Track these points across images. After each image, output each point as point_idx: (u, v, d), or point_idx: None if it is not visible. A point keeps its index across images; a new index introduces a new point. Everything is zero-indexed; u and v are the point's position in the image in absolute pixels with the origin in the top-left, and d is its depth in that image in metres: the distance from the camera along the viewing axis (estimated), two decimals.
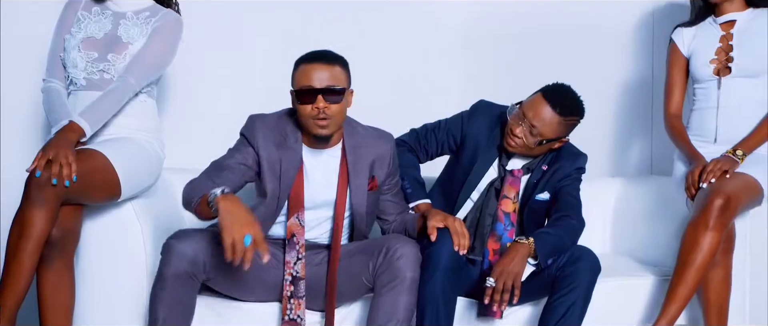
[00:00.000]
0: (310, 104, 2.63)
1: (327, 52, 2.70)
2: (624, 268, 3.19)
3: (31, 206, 2.59)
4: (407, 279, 2.61)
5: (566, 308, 2.74)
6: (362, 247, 2.75)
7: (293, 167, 2.73)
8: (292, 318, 2.73)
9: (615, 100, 3.90)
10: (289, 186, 2.74)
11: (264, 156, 2.72)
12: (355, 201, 2.79)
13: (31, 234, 2.59)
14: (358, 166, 2.78)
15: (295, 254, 2.75)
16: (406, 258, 2.62)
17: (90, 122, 2.77)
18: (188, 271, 2.58)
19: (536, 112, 2.84)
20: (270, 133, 2.74)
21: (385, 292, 2.62)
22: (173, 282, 2.57)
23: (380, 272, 2.64)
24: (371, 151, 2.80)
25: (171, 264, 2.56)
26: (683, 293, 2.83)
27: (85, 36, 2.91)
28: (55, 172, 2.59)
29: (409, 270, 2.62)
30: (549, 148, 2.94)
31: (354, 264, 2.72)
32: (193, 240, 2.60)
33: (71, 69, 2.91)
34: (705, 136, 3.11)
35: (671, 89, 3.23)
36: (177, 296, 2.58)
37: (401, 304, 2.62)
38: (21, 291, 2.60)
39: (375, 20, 3.85)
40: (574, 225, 2.90)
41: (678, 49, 3.21)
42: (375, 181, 2.81)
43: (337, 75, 2.66)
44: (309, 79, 2.63)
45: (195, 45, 3.42)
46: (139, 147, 2.91)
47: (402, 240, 2.68)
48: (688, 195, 2.96)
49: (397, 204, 2.93)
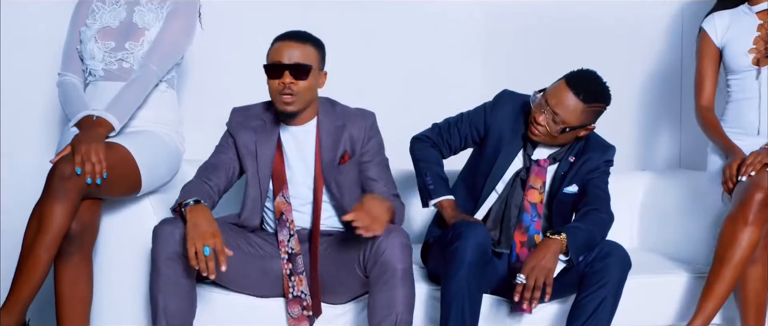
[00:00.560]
0: (278, 79, 2.69)
1: (301, 31, 2.77)
2: (655, 265, 3.15)
3: (52, 199, 2.57)
4: (398, 272, 2.57)
5: (596, 305, 2.68)
6: (351, 239, 2.71)
7: (270, 145, 2.79)
8: (297, 295, 2.73)
9: (642, 92, 3.87)
10: (269, 165, 2.79)
11: (240, 141, 2.80)
12: (327, 175, 2.79)
13: (50, 227, 2.57)
14: (329, 141, 2.80)
15: (287, 232, 2.77)
16: (392, 249, 2.58)
17: (117, 116, 2.78)
18: (178, 251, 2.57)
19: (559, 99, 2.78)
20: (249, 120, 2.82)
21: (379, 289, 2.59)
22: (165, 264, 2.57)
23: (370, 266, 2.61)
24: (346, 126, 2.82)
25: (159, 247, 2.57)
26: (720, 291, 2.77)
27: (101, 26, 2.93)
28: (88, 171, 2.59)
29: (399, 261, 2.58)
30: (575, 136, 2.87)
31: (346, 256, 2.71)
32: (181, 222, 2.60)
33: (89, 60, 2.92)
34: (744, 127, 3.06)
35: (702, 81, 3.16)
36: (172, 278, 2.58)
37: (398, 298, 2.58)
38: (35, 286, 2.59)
39: (393, 12, 3.84)
40: (604, 219, 2.85)
41: (710, 39, 3.14)
42: (347, 155, 2.81)
43: (307, 53, 2.71)
44: (279, 55, 2.70)
45: (214, 36, 3.42)
46: (160, 141, 2.91)
47: (386, 230, 2.61)
48: (725, 190, 2.91)
49: (382, 183, 2.86)
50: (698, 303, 2.82)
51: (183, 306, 2.61)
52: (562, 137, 2.85)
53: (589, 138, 2.94)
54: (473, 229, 2.69)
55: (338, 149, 2.81)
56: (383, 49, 3.82)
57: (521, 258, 2.85)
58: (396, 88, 3.83)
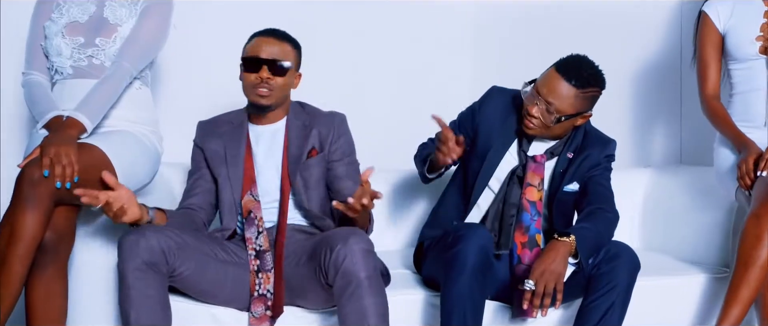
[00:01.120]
0: (255, 73, 2.74)
1: (280, 30, 2.84)
2: (660, 266, 3.09)
3: (23, 207, 2.49)
4: (363, 281, 2.47)
5: (604, 310, 2.62)
6: (312, 245, 2.65)
7: (240, 146, 2.83)
8: (262, 294, 2.68)
9: (639, 85, 3.82)
10: (240, 167, 2.82)
11: (209, 149, 2.85)
12: (292, 170, 2.80)
13: (23, 237, 2.48)
14: (297, 138, 2.83)
15: (255, 229, 2.75)
16: (352, 257, 2.47)
17: (89, 115, 2.70)
18: (147, 261, 2.51)
19: (551, 87, 2.73)
20: (215, 128, 2.88)
21: (346, 301, 2.49)
22: (134, 276, 2.50)
23: (331, 276, 2.50)
24: (314, 124, 2.86)
25: (126, 258, 2.50)
26: (746, 294, 2.69)
27: (68, 21, 2.85)
28: (58, 174, 2.51)
29: (361, 269, 2.47)
30: (571, 125, 2.82)
31: (309, 264, 2.63)
32: (147, 231, 2.54)
33: (55, 57, 2.84)
34: (752, 120, 2.98)
35: (705, 69, 3.09)
36: (142, 290, 2.50)
37: (369, 309, 2.48)
38: (11, 301, 2.50)
39: (381, 10, 3.83)
40: (610, 218, 2.80)
41: (712, 24, 3.07)
42: (314, 151, 2.83)
43: (286, 51, 2.79)
44: (257, 49, 2.76)
45: (192, 34, 3.41)
46: (137, 141, 2.84)
47: (343, 236, 2.52)
48: (742, 186, 2.83)
49: (351, 183, 2.83)
50: (722, 308, 2.74)
51: (156, 318, 2.53)
52: (558, 127, 2.79)
53: (588, 132, 2.90)
54: (474, 232, 2.63)
55: (306, 145, 2.83)
56: (371, 47, 3.82)
57: (523, 260, 2.80)
58: (385, 86, 3.82)
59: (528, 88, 2.80)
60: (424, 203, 3.41)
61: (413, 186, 3.38)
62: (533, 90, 2.77)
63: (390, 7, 3.81)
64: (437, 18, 3.89)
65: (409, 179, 3.35)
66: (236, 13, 3.65)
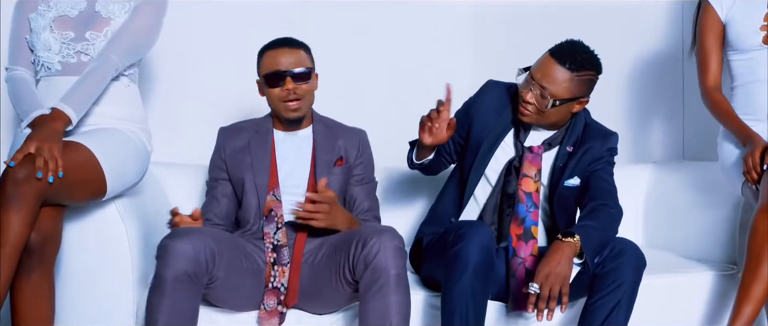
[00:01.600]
0: (279, 87, 2.80)
1: (289, 38, 2.89)
2: (665, 263, 3.05)
3: (7, 207, 2.46)
4: (392, 277, 2.50)
5: (610, 309, 2.59)
6: (339, 241, 2.69)
7: (265, 154, 2.87)
8: (276, 287, 2.71)
9: (640, 79, 3.82)
10: (266, 174, 2.85)
11: (233, 161, 2.89)
12: (320, 175, 2.84)
13: (7, 238, 2.45)
14: (327, 144, 2.90)
15: (274, 225, 2.79)
16: (384, 252, 2.50)
17: (74, 107, 2.68)
18: (189, 272, 2.49)
19: (545, 72, 2.75)
20: (237, 134, 2.92)
21: (371, 297, 2.51)
22: (173, 286, 2.48)
23: (359, 270, 2.53)
24: (339, 136, 2.94)
25: (169, 265, 2.47)
26: (758, 292, 2.66)
27: (57, 14, 2.84)
28: (39, 166, 2.48)
29: (393, 266, 2.50)
30: (568, 110, 2.81)
31: (334, 261, 2.65)
32: (193, 237, 2.53)
33: (43, 52, 2.81)
34: (754, 113, 2.96)
35: (707, 59, 3.06)
36: (178, 302, 2.48)
37: (393, 307, 2.50)
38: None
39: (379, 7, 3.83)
40: (614, 214, 2.78)
41: (715, 12, 3.04)
42: (342, 160, 2.91)
43: (301, 57, 2.84)
44: (276, 63, 2.82)
45: (184, 30, 3.41)
46: (125, 139, 2.83)
47: (376, 230, 2.57)
48: (749, 180, 2.81)
49: (367, 203, 2.92)
50: (734, 306, 2.71)
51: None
52: (553, 113, 2.78)
53: (588, 125, 2.91)
54: (476, 230, 2.61)
55: (334, 152, 2.91)
56: (370, 45, 3.82)
57: (518, 253, 2.79)
58: (383, 84, 3.82)
59: (522, 75, 2.81)
60: (422, 202, 3.40)
61: (411, 184, 3.40)
62: (528, 76, 2.79)
63: (389, 5, 3.82)
64: (436, 16, 3.90)
65: (407, 177, 3.36)
66: (230, 11, 3.66)
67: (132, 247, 2.76)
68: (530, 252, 2.78)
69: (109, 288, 2.76)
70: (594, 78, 2.79)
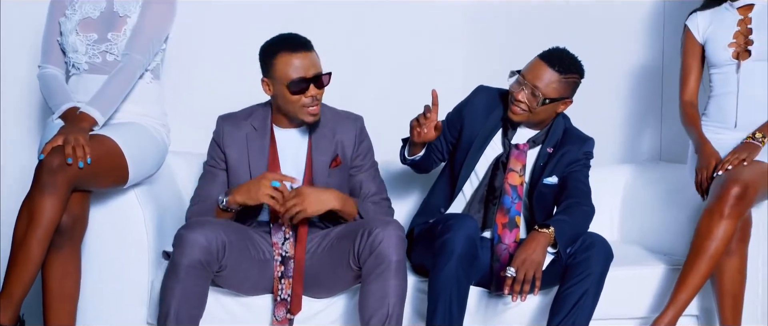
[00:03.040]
0: (304, 94, 2.75)
1: (302, 38, 2.80)
2: (634, 257, 3.20)
3: (42, 193, 2.56)
4: (393, 263, 2.63)
5: (578, 296, 2.76)
6: (344, 231, 2.78)
7: (264, 148, 2.84)
8: (284, 298, 2.78)
9: (624, 86, 3.91)
10: (264, 169, 2.83)
11: (230, 153, 2.86)
12: (316, 179, 2.85)
13: (41, 221, 2.56)
14: (322, 144, 2.87)
15: (281, 234, 2.82)
16: (388, 240, 2.63)
17: (101, 110, 2.77)
18: (202, 260, 2.60)
19: (536, 73, 2.92)
20: (237, 128, 2.87)
21: (373, 279, 2.63)
22: (187, 272, 2.59)
23: (364, 257, 2.65)
24: (336, 129, 2.90)
25: (185, 253, 2.58)
26: (694, 282, 2.86)
27: (81, 17, 2.89)
28: (69, 153, 2.57)
29: (394, 253, 2.63)
30: (554, 110, 2.99)
31: (338, 249, 2.76)
32: (206, 229, 2.63)
33: (72, 54, 2.89)
34: (724, 121, 3.14)
35: (686, 76, 3.25)
36: (190, 288, 2.61)
37: (391, 289, 2.63)
38: (28, 281, 2.58)
39: (376, 3, 3.86)
40: (587, 211, 2.95)
41: (693, 36, 3.24)
42: (338, 159, 2.89)
43: (317, 60, 2.79)
44: (299, 69, 2.74)
45: (200, 25, 3.46)
46: (147, 133, 2.92)
47: (382, 222, 2.69)
48: (698, 191, 3.01)
49: (374, 188, 2.95)
50: (672, 293, 2.90)
51: (194, 313, 2.64)
52: (542, 112, 2.96)
53: (567, 130, 3.07)
54: (462, 221, 2.75)
55: (331, 152, 2.89)
56: (365, 42, 3.85)
57: (503, 239, 2.94)
58: (379, 80, 3.84)
59: (514, 77, 2.97)
60: (415, 195, 3.47)
61: (405, 178, 3.44)
62: (520, 77, 2.95)
63: (384, 2, 3.83)
64: (431, 14, 3.91)
65: (401, 172, 3.38)
66: (242, 5, 3.67)
67: (148, 230, 2.85)
68: (514, 238, 2.94)
69: (126, 266, 2.85)
70: (578, 80, 2.98)
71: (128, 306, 2.88)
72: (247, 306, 2.87)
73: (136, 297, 2.88)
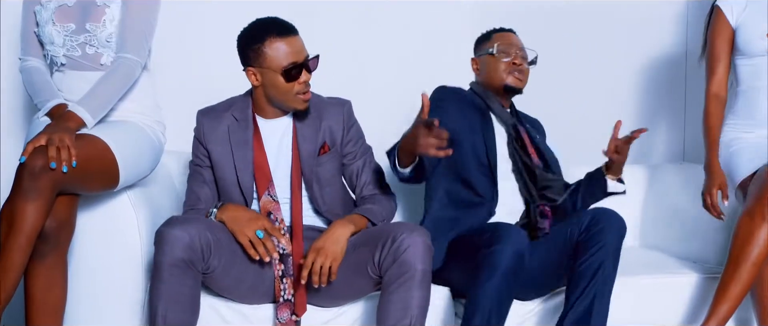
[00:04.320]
0: (298, 80, 2.72)
1: (286, 22, 2.77)
2: (660, 264, 3.15)
3: (23, 197, 2.49)
4: (418, 273, 2.55)
5: (595, 268, 2.64)
6: (366, 237, 2.71)
7: (248, 141, 2.81)
8: (287, 299, 2.73)
9: (643, 80, 3.86)
10: (250, 166, 2.80)
11: (213, 149, 2.84)
12: (306, 167, 2.81)
13: (23, 228, 2.49)
14: (308, 132, 2.83)
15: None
16: (415, 248, 2.55)
17: (90, 111, 2.70)
18: (185, 259, 2.54)
19: (512, 40, 3.11)
20: (218, 123, 2.84)
21: (395, 289, 2.56)
22: (170, 272, 2.53)
23: (386, 265, 2.58)
24: (323, 115, 2.85)
25: (165, 252, 2.52)
26: (736, 291, 2.75)
27: (57, 5, 2.82)
28: (52, 156, 2.50)
29: (420, 262, 2.55)
30: None
31: (358, 255, 2.67)
32: (189, 225, 2.56)
33: (49, 46, 2.83)
34: (753, 118, 3.02)
35: (715, 63, 3.09)
36: (176, 287, 2.54)
37: (414, 300, 2.55)
38: (9, 291, 2.50)
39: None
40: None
41: (725, 18, 3.08)
42: (326, 146, 2.85)
43: (302, 43, 2.77)
44: (291, 55, 2.71)
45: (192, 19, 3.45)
46: (140, 132, 2.85)
47: (408, 228, 2.61)
48: (714, 215, 2.93)
49: (370, 175, 2.89)
50: (711, 304, 2.80)
51: (185, 316, 2.57)
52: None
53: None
54: (512, 234, 2.66)
55: (317, 140, 2.83)
56: (370, 38, 3.84)
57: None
58: (383, 77, 3.84)
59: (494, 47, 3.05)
60: (420, 191, 3.37)
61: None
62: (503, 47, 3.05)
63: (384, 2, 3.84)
64: (437, 9, 3.91)
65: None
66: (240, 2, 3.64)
67: (142, 235, 2.79)
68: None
69: (118, 275, 2.79)
70: None
71: (119, 319, 2.81)
72: (247, 315, 2.80)
73: (128, 309, 2.81)
